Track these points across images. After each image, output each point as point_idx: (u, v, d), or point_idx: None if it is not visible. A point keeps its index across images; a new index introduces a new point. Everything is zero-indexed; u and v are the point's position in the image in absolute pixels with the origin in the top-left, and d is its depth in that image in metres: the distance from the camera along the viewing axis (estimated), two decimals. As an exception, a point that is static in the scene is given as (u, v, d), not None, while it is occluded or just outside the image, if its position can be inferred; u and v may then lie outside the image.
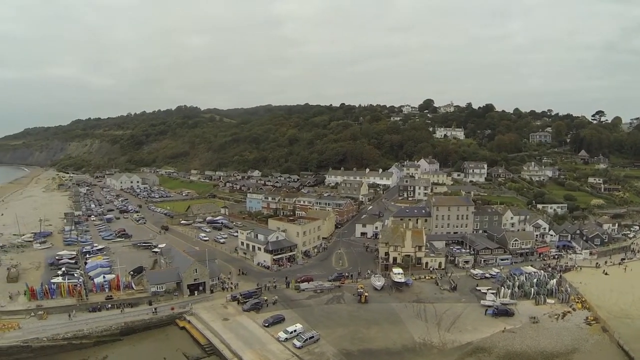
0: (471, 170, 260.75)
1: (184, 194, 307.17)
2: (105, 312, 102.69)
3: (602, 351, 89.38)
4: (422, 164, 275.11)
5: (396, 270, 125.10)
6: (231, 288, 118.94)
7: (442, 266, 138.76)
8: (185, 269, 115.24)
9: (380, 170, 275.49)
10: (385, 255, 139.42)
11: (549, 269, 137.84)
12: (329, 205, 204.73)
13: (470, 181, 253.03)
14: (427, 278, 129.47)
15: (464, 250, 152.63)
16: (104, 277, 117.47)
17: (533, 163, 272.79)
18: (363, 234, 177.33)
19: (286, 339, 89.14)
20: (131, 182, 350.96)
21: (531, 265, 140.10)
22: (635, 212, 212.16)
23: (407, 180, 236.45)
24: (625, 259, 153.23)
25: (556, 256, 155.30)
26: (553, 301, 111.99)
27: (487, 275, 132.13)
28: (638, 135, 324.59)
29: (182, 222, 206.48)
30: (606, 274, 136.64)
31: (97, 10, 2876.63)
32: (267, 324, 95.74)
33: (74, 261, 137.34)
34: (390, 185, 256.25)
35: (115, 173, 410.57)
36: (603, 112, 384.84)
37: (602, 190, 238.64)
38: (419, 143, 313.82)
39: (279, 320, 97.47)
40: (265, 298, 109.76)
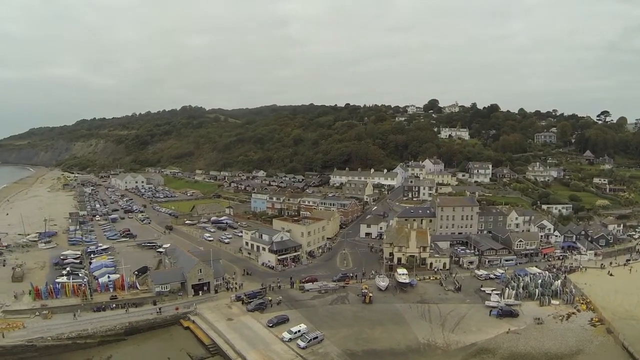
0: (476, 170, 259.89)
1: (188, 194, 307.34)
2: (110, 312, 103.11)
3: (607, 353, 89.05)
4: (427, 165, 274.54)
5: (400, 270, 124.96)
6: (235, 288, 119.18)
7: (447, 267, 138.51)
8: (189, 269, 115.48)
9: (385, 170, 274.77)
10: (389, 256, 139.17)
11: (554, 270, 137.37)
12: (333, 205, 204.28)
13: (475, 181, 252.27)
14: (432, 279, 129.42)
15: (468, 250, 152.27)
16: (109, 277, 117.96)
17: (538, 163, 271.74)
18: (367, 235, 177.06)
19: (290, 339, 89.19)
20: (136, 182, 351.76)
21: (536, 266, 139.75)
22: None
23: (412, 181, 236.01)
24: (630, 260, 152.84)
25: (561, 257, 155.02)
26: (558, 302, 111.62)
27: (492, 276, 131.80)
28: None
29: (187, 222, 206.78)
30: (611, 275, 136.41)
31: (98, 10, 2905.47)
32: (272, 324, 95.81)
33: (78, 261, 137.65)
34: (395, 185, 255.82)
35: (120, 173, 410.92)
36: (608, 112, 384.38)
37: (607, 190, 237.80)
38: (424, 143, 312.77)
39: (283, 321, 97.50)
40: (270, 298, 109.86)
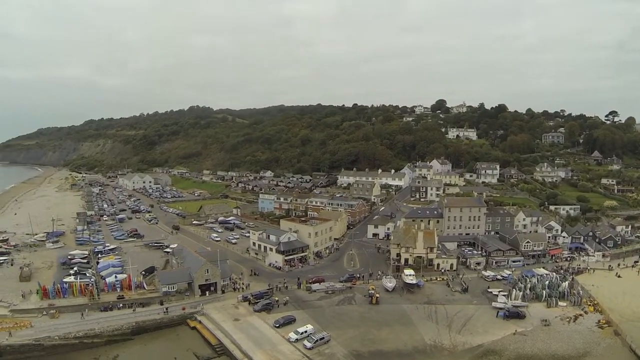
0: (483, 171, 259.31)
1: (196, 194, 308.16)
2: (117, 312, 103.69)
3: (614, 355, 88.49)
4: (435, 165, 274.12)
5: (407, 271, 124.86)
6: (242, 288, 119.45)
7: (454, 268, 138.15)
8: (196, 269, 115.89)
9: (393, 170, 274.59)
10: (396, 257, 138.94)
11: (561, 271, 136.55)
12: (341, 206, 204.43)
13: (483, 182, 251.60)
14: (439, 279, 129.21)
15: (475, 251, 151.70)
16: (116, 277, 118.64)
17: (546, 164, 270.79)
18: (375, 235, 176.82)
19: (297, 339, 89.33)
20: (143, 182, 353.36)
21: (543, 268, 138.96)
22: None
23: (420, 181, 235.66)
24: (638, 261, 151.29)
25: (568, 258, 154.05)
26: (565, 304, 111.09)
27: (499, 277, 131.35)
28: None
29: (194, 223, 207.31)
30: (619, 276, 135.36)
31: (108, 12, 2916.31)
32: (278, 325, 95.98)
33: (86, 261, 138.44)
34: (403, 186, 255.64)
35: (128, 173, 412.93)
36: (616, 113, 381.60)
37: (616, 191, 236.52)
38: (432, 144, 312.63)
39: (289, 321, 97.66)
40: (277, 299, 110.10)
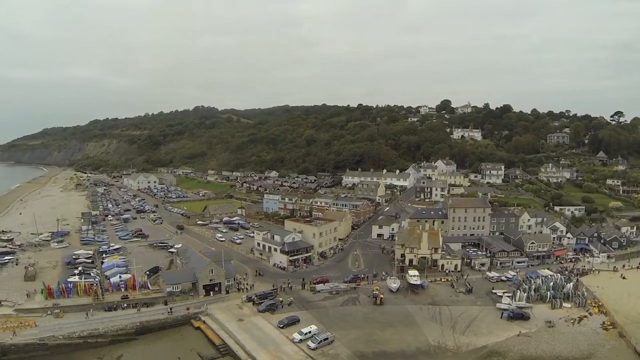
0: (488, 171, 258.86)
1: (200, 195, 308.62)
2: (121, 312, 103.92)
3: (619, 357, 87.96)
4: (439, 165, 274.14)
5: (412, 272, 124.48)
6: (247, 289, 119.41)
7: (458, 268, 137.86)
8: (201, 269, 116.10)
9: (398, 171, 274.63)
10: (401, 257, 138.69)
11: (566, 273, 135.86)
12: (345, 206, 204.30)
13: (487, 183, 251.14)
14: (443, 280, 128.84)
15: (480, 252, 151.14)
16: (120, 277, 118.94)
17: (551, 164, 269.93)
18: (379, 236, 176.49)
19: (301, 340, 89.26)
20: (148, 182, 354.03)
21: (548, 269, 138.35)
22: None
23: (424, 182, 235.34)
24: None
25: (573, 259, 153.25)
26: (569, 305, 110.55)
27: (503, 278, 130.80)
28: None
29: (199, 223, 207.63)
30: (624, 278, 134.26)
31: (112, 12, 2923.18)
32: (282, 325, 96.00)
33: (90, 260, 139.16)
34: (408, 186, 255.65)
35: (133, 173, 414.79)
36: (622, 113, 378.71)
37: (621, 192, 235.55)
38: (436, 144, 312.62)
39: (293, 322, 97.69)
40: (281, 299, 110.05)
